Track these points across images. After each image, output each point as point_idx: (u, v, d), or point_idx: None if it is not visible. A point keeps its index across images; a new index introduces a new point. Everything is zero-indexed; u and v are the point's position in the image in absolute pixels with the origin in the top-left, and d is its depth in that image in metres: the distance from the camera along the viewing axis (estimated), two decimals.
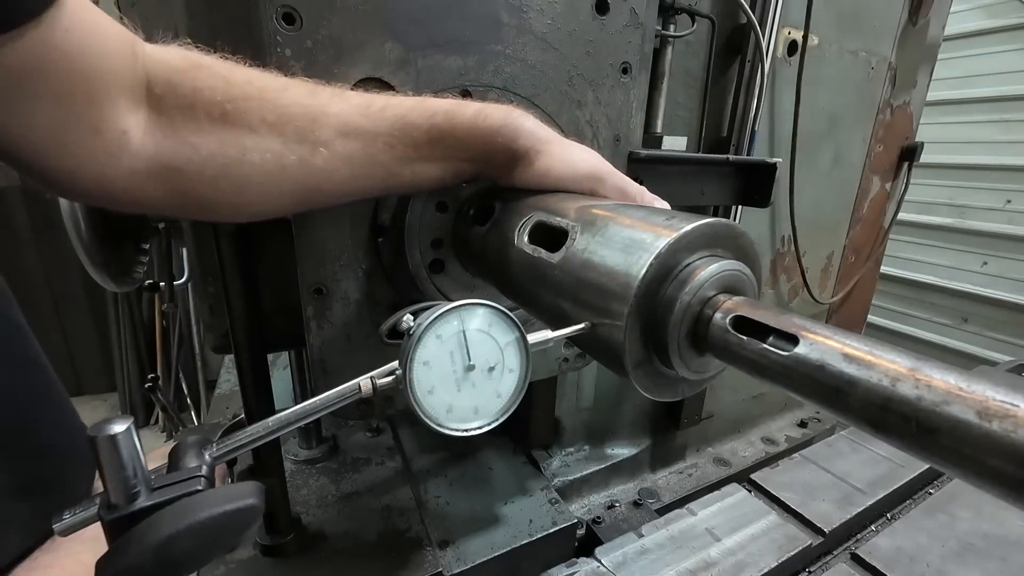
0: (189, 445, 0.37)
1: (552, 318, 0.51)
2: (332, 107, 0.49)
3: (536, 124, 0.56)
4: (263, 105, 0.47)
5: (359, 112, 0.50)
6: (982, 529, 0.97)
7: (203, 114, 0.46)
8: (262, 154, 0.47)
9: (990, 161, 2.83)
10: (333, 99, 0.50)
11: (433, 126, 0.52)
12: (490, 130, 0.53)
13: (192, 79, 0.46)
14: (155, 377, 2.43)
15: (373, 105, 0.51)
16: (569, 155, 0.56)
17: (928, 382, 0.26)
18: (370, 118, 0.51)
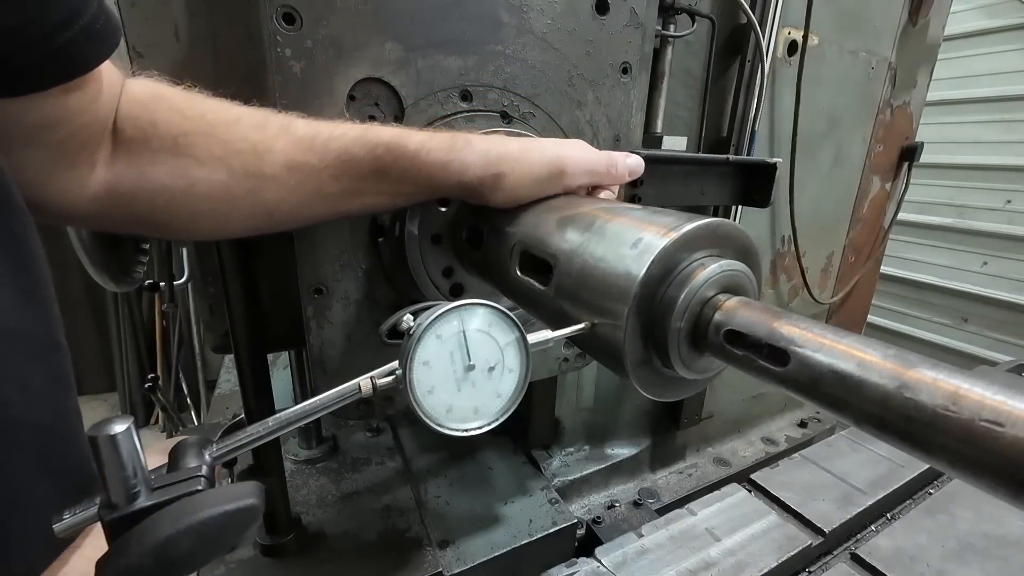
0: (189, 445, 0.37)
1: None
2: (278, 142, 0.50)
3: (485, 148, 0.54)
4: (212, 140, 0.49)
5: (304, 146, 0.51)
6: (982, 529, 0.97)
7: (157, 145, 0.48)
8: (209, 185, 0.49)
9: (990, 161, 2.83)
10: (280, 133, 0.51)
11: (376, 159, 0.52)
12: (434, 165, 0.53)
13: (151, 111, 0.48)
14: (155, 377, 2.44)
15: (318, 138, 0.51)
16: (528, 167, 0.55)
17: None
18: (315, 152, 0.51)
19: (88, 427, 0.32)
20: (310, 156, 0.51)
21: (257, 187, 0.50)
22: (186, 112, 0.49)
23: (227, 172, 0.49)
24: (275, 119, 0.52)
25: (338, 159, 0.51)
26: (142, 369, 3.09)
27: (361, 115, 0.60)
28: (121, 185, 0.47)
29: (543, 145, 0.57)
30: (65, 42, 0.38)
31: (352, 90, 0.58)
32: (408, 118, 0.61)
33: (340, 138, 0.52)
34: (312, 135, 0.51)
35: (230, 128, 0.50)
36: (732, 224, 0.42)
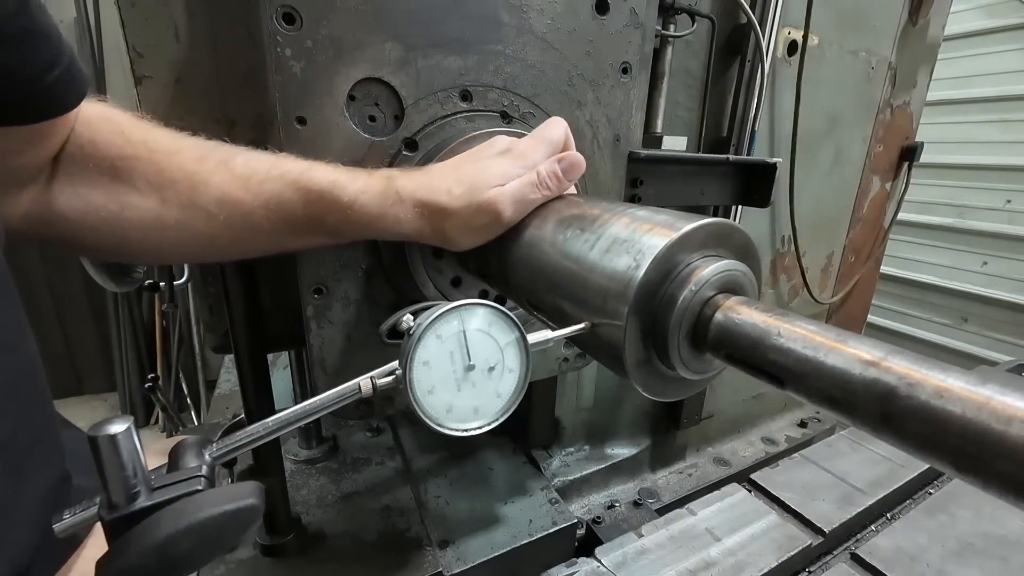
0: (189, 445, 0.37)
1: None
2: (215, 176, 0.50)
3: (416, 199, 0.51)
4: (149, 167, 0.48)
5: (240, 184, 0.50)
6: (982, 529, 0.97)
7: (94, 167, 0.48)
8: (141, 213, 0.49)
9: (990, 161, 2.83)
10: (219, 167, 0.50)
11: (308, 205, 0.50)
12: (369, 218, 0.51)
13: (94, 132, 0.48)
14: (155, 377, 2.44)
15: (255, 176, 0.50)
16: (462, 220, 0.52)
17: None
18: (249, 191, 0.50)
19: (88, 427, 0.32)
20: (244, 194, 0.50)
21: (189, 218, 0.49)
22: (129, 136, 0.49)
23: (159, 200, 0.49)
24: (218, 152, 0.51)
25: (270, 201, 0.50)
26: (142, 369, 3.09)
27: (361, 115, 0.60)
28: (55, 204, 0.48)
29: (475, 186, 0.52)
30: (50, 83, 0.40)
31: (352, 90, 0.58)
32: (408, 118, 0.61)
33: (276, 179, 0.50)
34: (249, 173, 0.50)
35: (170, 157, 0.49)
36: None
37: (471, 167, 0.53)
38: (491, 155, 0.54)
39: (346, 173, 0.52)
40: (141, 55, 0.61)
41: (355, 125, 0.59)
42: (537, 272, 0.51)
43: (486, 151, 0.55)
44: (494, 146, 0.56)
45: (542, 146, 0.55)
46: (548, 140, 0.55)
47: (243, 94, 0.65)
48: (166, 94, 0.63)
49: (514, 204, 0.52)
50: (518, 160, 0.53)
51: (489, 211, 0.51)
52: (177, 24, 0.61)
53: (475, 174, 0.52)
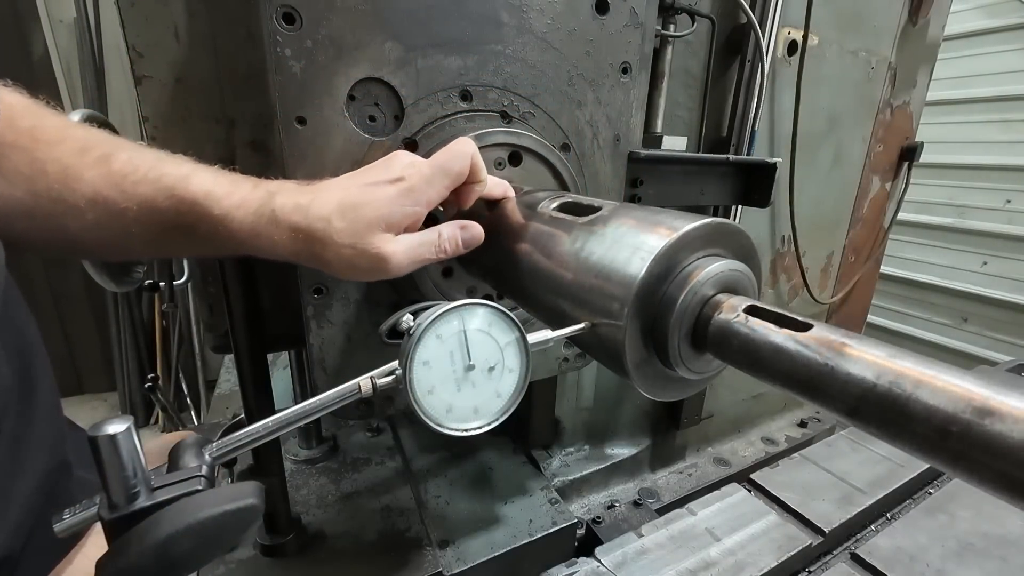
0: (189, 445, 0.37)
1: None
2: (90, 171, 0.47)
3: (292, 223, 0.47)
4: (25, 156, 0.46)
5: (113, 182, 0.47)
6: (982, 529, 0.97)
7: None
8: (7, 201, 0.46)
9: (990, 161, 2.83)
10: (97, 162, 0.47)
11: (179, 215, 0.48)
12: (243, 234, 0.48)
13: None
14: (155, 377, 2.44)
15: (130, 177, 0.47)
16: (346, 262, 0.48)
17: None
18: (123, 191, 0.47)
19: (88, 427, 0.32)
20: (116, 194, 0.47)
21: (59, 213, 0.47)
22: (17, 123, 0.46)
23: (28, 192, 0.46)
24: (103, 147, 0.48)
25: (143, 205, 0.47)
26: (142, 369, 3.09)
27: (361, 115, 0.60)
28: None
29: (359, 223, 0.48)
30: None
31: (352, 90, 0.58)
32: (408, 118, 0.61)
33: (152, 182, 0.47)
34: (127, 172, 0.47)
35: (50, 147, 0.46)
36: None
37: (357, 193, 0.49)
38: (381, 180, 0.50)
39: (227, 184, 0.49)
40: (141, 55, 0.61)
41: (355, 125, 0.59)
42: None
43: (378, 173, 0.51)
44: (389, 167, 0.51)
45: (439, 179, 0.51)
46: (448, 172, 0.52)
47: (243, 94, 0.65)
48: (166, 94, 0.63)
49: (406, 261, 0.50)
50: (410, 195, 0.50)
51: (373, 258, 0.48)
52: (177, 24, 0.62)
53: (359, 205, 0.48)
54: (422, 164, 0.52)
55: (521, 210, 0.57)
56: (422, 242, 0.51)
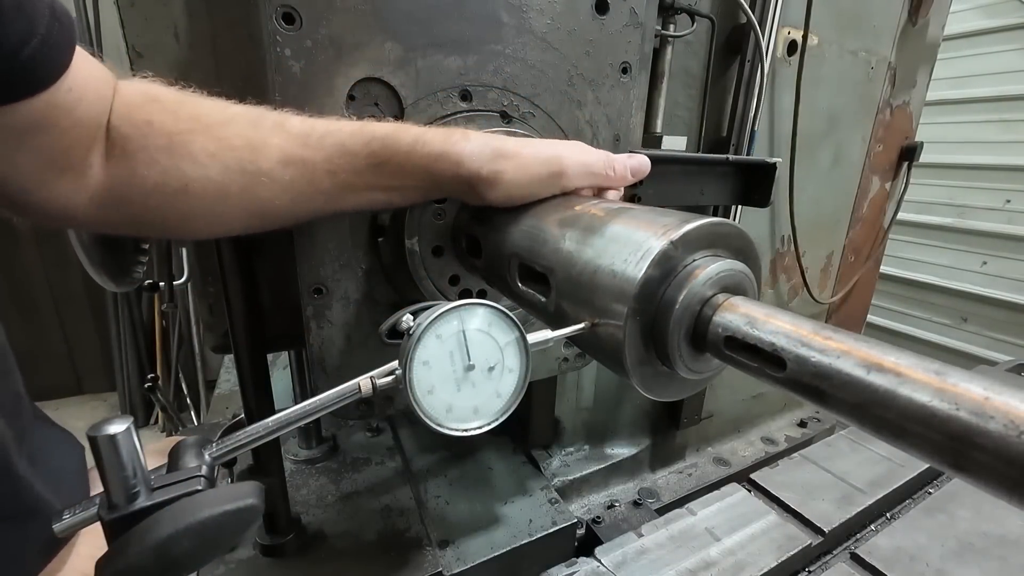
0: (189, 445, 0.37)
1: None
2: (273, 138, 0.50)
3: (482, 143, 0.53)
4: (207, 138, 0.48)
5: (299, 142, 0.51)
6: (982, 528, 0.97)
7: (152, 146, 0.48)
8: (204, 185, 0.49)
9: (990, 161, 2.83)
10: (275, 129, 0.51)
11: (371, 153, 0.51)
12: (429, 157, 0.52)
13: (146, 113, 0.48)
14: (155, 377, 2.44)
15: (313, 133, 0.51)
16: (526, 165, 0.54)
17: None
18: (310, 147, 0.51)
19: (88, 427, 0.32)
20: (306, 151, 0.50)
21: (251, 184, 0.50)
22: (179, 113, 0.49)
23: (221, 170, 0.49)
24: (270, 116, 0.51)
25: (334, 153, 0.51)
26: (142, 369, 3.09)
27: (360, 115, 0.59)
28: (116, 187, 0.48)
29: (542, 144, 0.56)
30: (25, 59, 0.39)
31: (352, 90, 0.58)
32: (408, 118, 0.61)
33: (336, 133, 0.51)
34: (308, 131, 0.51)
35: (224, 126, 0.50)
36: (732, 224, 0.42)
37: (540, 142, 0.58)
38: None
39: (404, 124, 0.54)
40: (141, 55, 0.61)
41: None
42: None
43: None
44: None
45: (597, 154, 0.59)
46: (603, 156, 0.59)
47: (243, 94, 0.65)
48: None
49: (580, 166, 0.55)
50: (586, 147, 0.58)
51: (555, 163, 0.54)
52: (177, 24, 0.62)
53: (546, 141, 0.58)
54: None
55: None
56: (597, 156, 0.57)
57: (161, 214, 0.50)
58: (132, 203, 0.49)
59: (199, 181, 0.49)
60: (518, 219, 0.55)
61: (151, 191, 0.48)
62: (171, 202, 0.49)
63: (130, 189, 0.48)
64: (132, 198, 0.48)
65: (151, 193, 0.48)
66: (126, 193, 0.48)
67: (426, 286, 0.65)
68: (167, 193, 0.48)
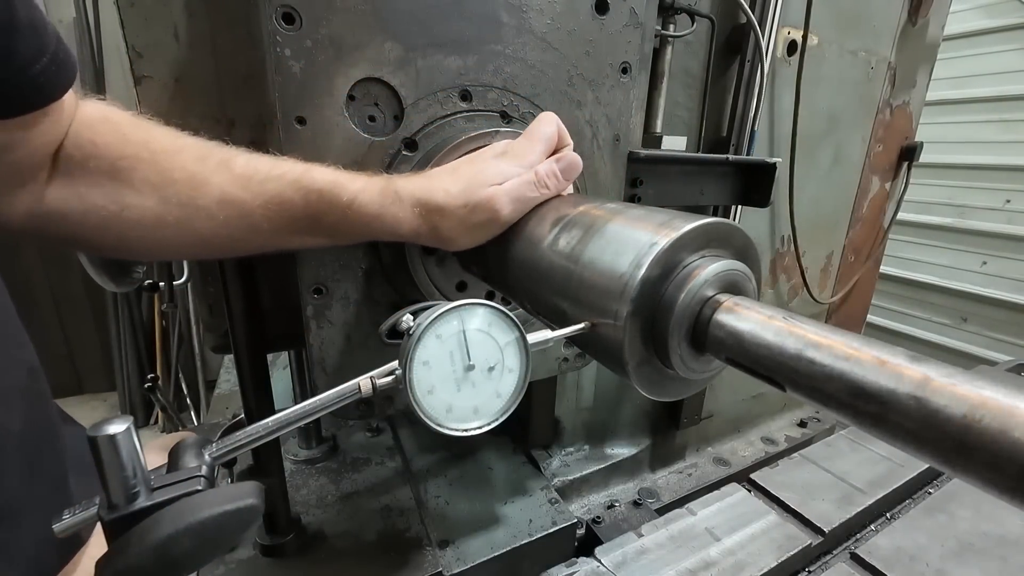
0: (189, 445, 0.37)
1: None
2: (215, 176, 0.50)
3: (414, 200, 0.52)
4: (150, 167, 0.49)
5: (240, 183, 0.51)
6: (981, 528, 0.97)
7: (95, 167, 0.48)
8: (141, 212, 0.49)
9: (990, 161, 2.83)
10: (219, 167, 0.51)
11: (309, 204, 0.51)
12: (366, 218, 0.52)
13: (95, 133, 0.48)
14: (155, 377, 2.44)
15: (256, 176, 0.51)
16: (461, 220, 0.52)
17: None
18: (250, 191, 0.51)
19: (88, 427, 0.32)
20: (245, 194, 0.50)
21: (189, 217, 0.50)
22: (129, 137, 0.49)
23: (159, 200, 0.49)
24: (218, 152, 0.51)
25: (271, 201, 0.51)
26: (142, 369, 3.09)
27: (361, 115, 0.60)
28: (55, 204, 0.48)
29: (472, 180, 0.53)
30: (36, 73, 0.40)
31: (352, 90, 0.58)
32: (408, 118, 0.61)
33: (277, 179, 0.51)
34: (250, 173, 0.51)
35: (171, 157, 0.50)
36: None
37: (468, 168, 0.54)
38: (488, 158, 0.55)
39: (345, 174, 0.53)
40: (141, 55, 0.61)
41: (355, 125, 0.59)
42: (537, 272, 0.51)
43: (484, 154, 0.56)
44: (491, 149, 0.57)
45: (538, 145, 0.55)
46: (543, 137, 0.56)
47: (243, 94, 0.65)
48: (166, 94, 0.63)
49: (512, 202, 0.53)
50: (515, 160, 0.54)
51: (486, 208, 0.52)
52: (177, 24, 0.61)
53: (472, 174, 0.53)
54: (519, 138, 0.57)
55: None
56: (521, 182, 0.53)
57: (98, 234, 0.50)
58: (69, 221, 0.49)
59: (137, 208, 0.49)
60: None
61: (88, 211, 0.49)
62: (108, 224, 0.49)
63: (68, 207, 0.48)
64: (70, 216, 0.49)
65: (88, 213, 0.49)
66: (64, 211, 0.48)
67: (426, 286, 0.65)
68: (104, 215, 0.49)
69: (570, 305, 0.46)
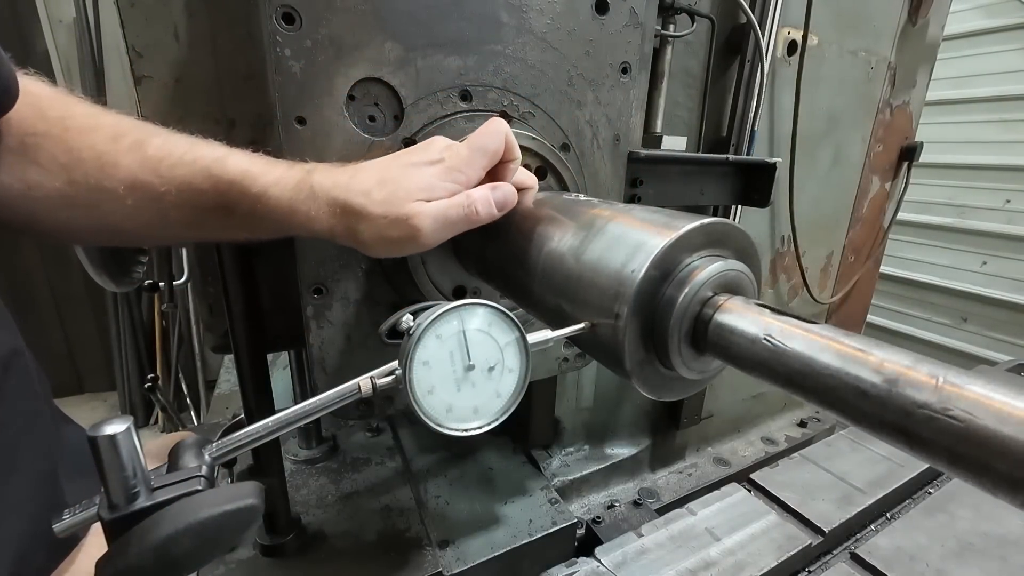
0: (189, 445, 0.37)
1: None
2: (126, 158, 0.47)
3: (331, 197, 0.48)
4: (59, 145, 0.46)
5: (150, 167, 0.47)
6: (981, 528, 0.97)
7: (3, 145, 0.46)
8: (48, 192, 0.47)
9: (990, 161, 2.83)
10: (132, 148, 0.48)
11: (220, 195, 0.48)
12: (279, 211, 0.48)
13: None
14: (155, 377, 2.44)
15: (167, 160, 0.48)
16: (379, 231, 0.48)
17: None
18: (159, 175, 0.47)
19: (88, 427, 0.32)
20: (153, 178, 0.47)
21: (98, 201, 0.47)
22: (46, 113, 0.47)
23: (66, 181, 0.46)
24: (135, 133, 0.48)
25: (181, 187, 0.48)
26: (142, 369, 3.09)
27: (361, 115, 0.60)
28: None
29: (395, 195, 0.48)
30: None
31: (352, 90, 0.58)
32: (408, 118, 0.61)
33: (189, 165, 0.48)
34: (163, 156, 0.48)
35: (82, 135, 0.47)
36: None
37: (398, 171, 0.50)
38: (421, 161, 0.51)
39: (262, 164, 0.50)
40: (141, 55, 0.61)
41: (355, 125, 0.59)
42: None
43: (417, 155, 0.52)
44: (428, 150, 0.52)
45: (479, 159, 0.51)
46: (485, 151, 0.52)
47: (243, 94, 0.65)
48: (166, 94, 0.63)
49: (436, 226, 0.49)
50: (449, 174, 0.50)
51: (406, 226, 0.48)
52: (177, 24, 0.62)
53: (399, 180, 0.49)
54: (460, 146, 0.52)
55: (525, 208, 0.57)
56: (451, 204, 0.50)
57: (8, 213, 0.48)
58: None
59: (43, 188, 0.47)
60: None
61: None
62: (15, 202, 0.47)
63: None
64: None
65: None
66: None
67: (426, 286, 0.65)
68: (12, 194, 0.46)
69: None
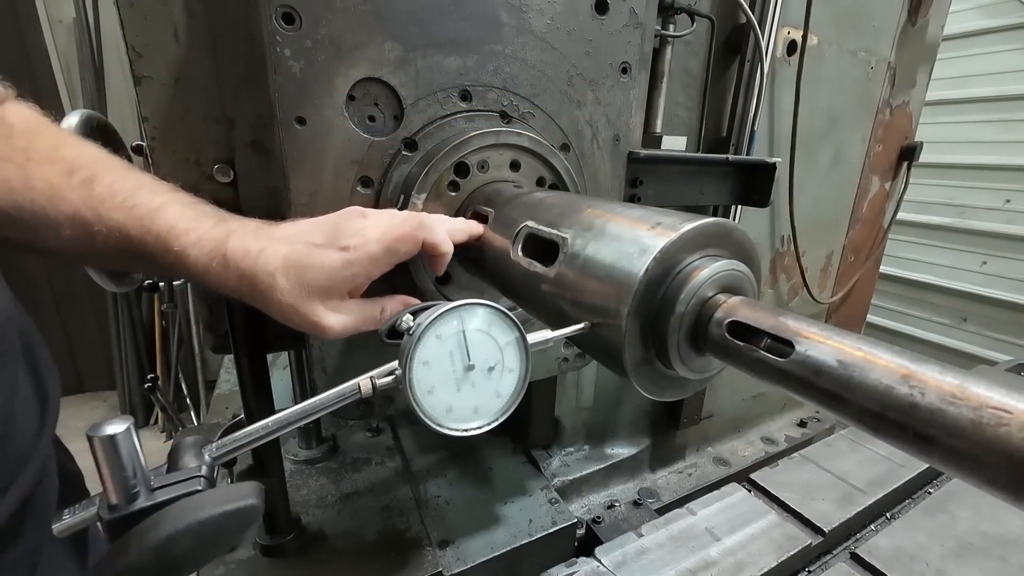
0: (189, 445, 0.37)
1: (552, 318, 0.51)
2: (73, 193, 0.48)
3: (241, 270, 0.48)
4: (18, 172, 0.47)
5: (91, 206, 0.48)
6: (981, 528, 0.97)
7: None
8: None
9: (989, 161, 2.83)
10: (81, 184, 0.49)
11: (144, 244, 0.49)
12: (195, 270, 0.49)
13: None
14: (155, 377, 2.44)
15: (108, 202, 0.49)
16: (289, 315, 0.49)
17: (927, 383, 0.26)
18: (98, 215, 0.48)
19: (88, 427, 0.32)
20: (92, 217, 0.48)
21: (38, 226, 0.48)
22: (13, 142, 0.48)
23: (12, 204, 0.47)
24: (91, 168, 0.50)
25: (112, 230, 0.49)
26: (142, 369, 3.09)
27: (361, 115, 0.60)
28: None
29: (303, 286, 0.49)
30: None
31: (351, 90, 0.58)
32: (407, 118, 0.61)
33: (128, 210, 0.49)
34: (106, 197, 0.49)
35: (41, 166, 0.48)
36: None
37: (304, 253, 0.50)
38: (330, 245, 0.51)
39: (191, 219, 0.51)
40: (141, 55, 0.61)
41: (354, 125, 0.59)
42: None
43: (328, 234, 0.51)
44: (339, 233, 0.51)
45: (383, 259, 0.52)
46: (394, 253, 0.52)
47: (243, 94, 0.65)
48: (166, 94, 0.63)
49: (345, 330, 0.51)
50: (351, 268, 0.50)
51: (311, 323, 0.50)
52: (177, 24, 0.61)
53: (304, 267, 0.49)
54: (371, 239, 0.51)
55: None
56: (363, 318, 0.53)
57: None
58: None
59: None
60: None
61: None
62: None
63: None
64: None
65: None
66: None
67: (426, 286, 0.65)
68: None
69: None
